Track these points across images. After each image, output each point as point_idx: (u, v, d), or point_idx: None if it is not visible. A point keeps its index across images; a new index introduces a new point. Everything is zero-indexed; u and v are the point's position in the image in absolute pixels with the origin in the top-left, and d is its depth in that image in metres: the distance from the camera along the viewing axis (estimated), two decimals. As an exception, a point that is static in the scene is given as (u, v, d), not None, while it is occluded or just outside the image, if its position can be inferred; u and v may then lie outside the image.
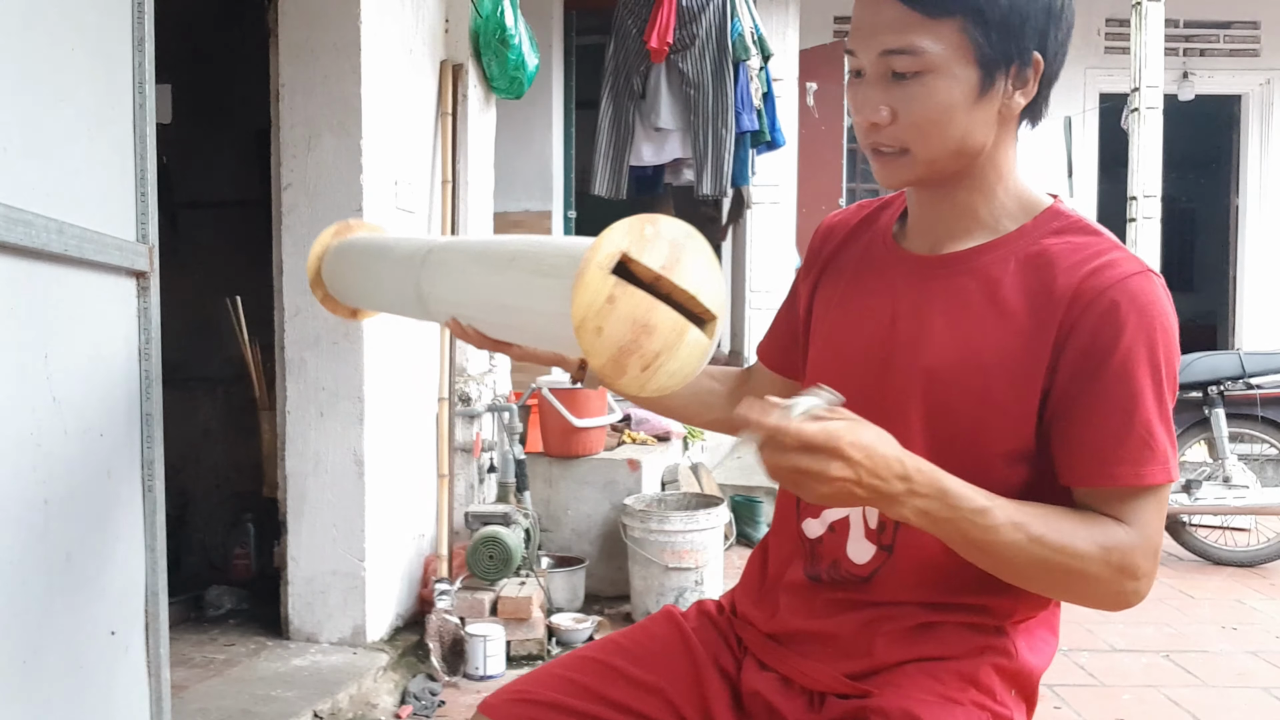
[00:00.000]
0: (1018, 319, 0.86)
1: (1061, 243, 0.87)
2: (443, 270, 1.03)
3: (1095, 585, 0.82)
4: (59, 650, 1.20)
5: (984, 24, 0.82)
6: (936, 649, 0.90)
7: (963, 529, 0.79)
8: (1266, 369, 3.62)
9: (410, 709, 2.19)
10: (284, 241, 2.39)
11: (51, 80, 1.18)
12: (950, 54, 0.83)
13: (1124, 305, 0.82)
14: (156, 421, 1.38)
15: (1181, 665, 2.59)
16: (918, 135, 0.85)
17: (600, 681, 0.98)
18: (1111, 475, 0.83)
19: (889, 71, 0.84)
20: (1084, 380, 0.84)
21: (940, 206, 0.92)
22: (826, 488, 0.75)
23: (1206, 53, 6.11)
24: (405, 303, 1.12)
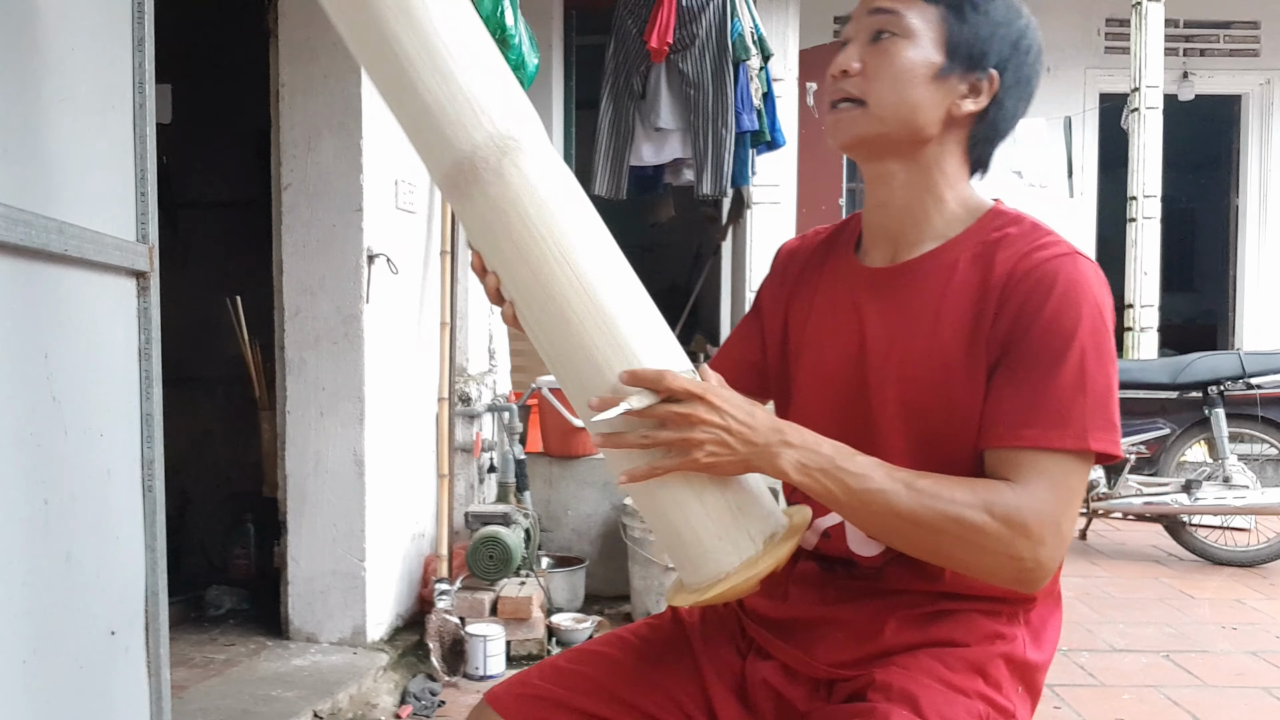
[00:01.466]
0: (968, 313, 0.90)
1: (1002, 235, 0.92)
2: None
3: (986, 542, 0.82)
4: (59, 650, 1.20)
5: (960, 20, 0.92)
6: (948, 634, 0.91)
7: (839, 478, 0.83)
8: (1266, 369, 3.62)
9: (410, 709, 2.19)
10: (284, 241, 2.39)
11: (52, 80, 1.18)
12: (926, 32, 0.92)
13: (1050, 279, 0.86)
14: (156, 421, 1.38)
15: (1181, 665, 2.59)
16: (879, 88, 0.91)
17: (605, 675, 0.98)
18: (1019, 436, 0.84)
19: (872, 32, 0.92)
20: (1011, 348, 0.87)
21: (890, 207, 0.96)
22: (700, 432, 0.81)
23: (1206, 53, 6.11)
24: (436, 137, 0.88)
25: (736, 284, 5.24)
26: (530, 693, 0.98)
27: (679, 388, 0.82)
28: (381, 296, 2.44)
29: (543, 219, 0.85)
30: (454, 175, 0.86)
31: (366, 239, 2.36)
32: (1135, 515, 3.84)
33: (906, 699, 0.85)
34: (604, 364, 0.85)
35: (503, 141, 0.85)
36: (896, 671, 0.88)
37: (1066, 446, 0.83)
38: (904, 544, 0.87)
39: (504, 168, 0.85)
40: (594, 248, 0.87)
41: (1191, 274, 8.60)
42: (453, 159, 0.86)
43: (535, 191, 0.85)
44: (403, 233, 2.58)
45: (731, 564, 0.86)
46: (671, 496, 0.87)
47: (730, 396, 0.84)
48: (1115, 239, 5.44)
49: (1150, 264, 4.70)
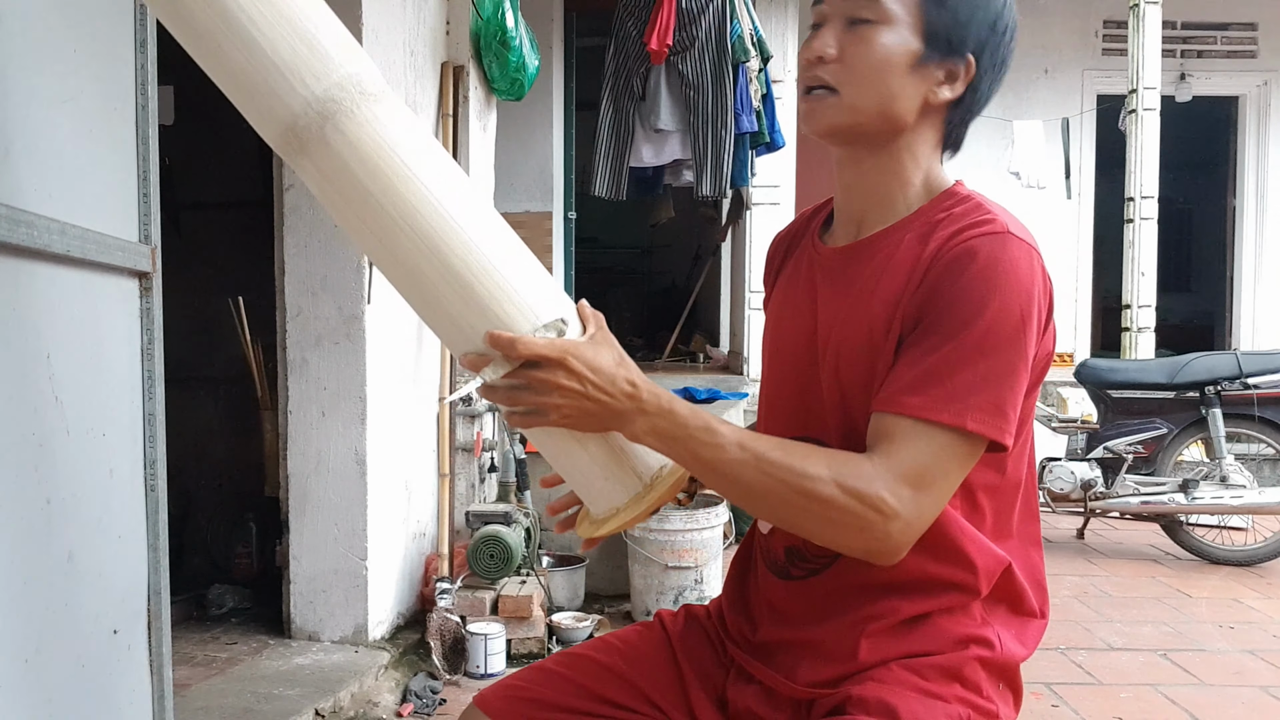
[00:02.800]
0: (897, 286, 0.88)
1: (945, 216, 0.90)
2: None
3: (833, 515, 0.81)
4: (62, 649, 1.20)
5: (939, 5, 0.89)
6: (920, 645, 0.90)
7: (692, 448, 0.83)
8: (1263, 369, 3.63)
9: (411, 707, 2.20)
10: (286, 242, 2.39)
11: (54, 82, 1.19)
12: (905, 18, 0.89)
13: (970, 255, 0.84)
14: (159, 421, 1.39)
15: (1179, 664, 2.60)
16: (854, 77, 0.89)
17: (593, 679, 0.99)
18: (899, 402, 0.83)
19: (848, 18, 0.90)
20: (920, 320, 0.85)
21: (858, 189, 0.96)
22: (557, 398, 0.80)
23: (1204, 54, 6.12)
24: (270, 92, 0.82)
25: (736, 284, 5.25)
26: (517, 694, 0.99)
27: (532, 354, 0.80)
28: (383, 297, 2.45)
29: (376, 183, 0.80)
30: (282, 148, 0.82)
31: (367, 239, 2.37)
32: (1132, 515, 3.85)
33: (884, 710, 0.85)
34: (466, 328, 0.82)
35: (321, 106, 0.79)
36: (873, 685, 0.88)
37: (942, 420, 0.81)
38: (761, 513, 0.89)
39: (326, 134, 0.80)
40: (439, 205, 0.81)
41: (1189, 275, 8.61)
42: (275, 131, 0.81)
43: (363, 156, 0.79)
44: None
45: (620, 500, 0.90)
46: (557, 443, 0.89)
47: (591, 358, 0.81)
48: (1113, 240, 5.45)
49: (1148, 265, 4.70)
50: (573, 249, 4.79)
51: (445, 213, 0.81)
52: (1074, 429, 3.87)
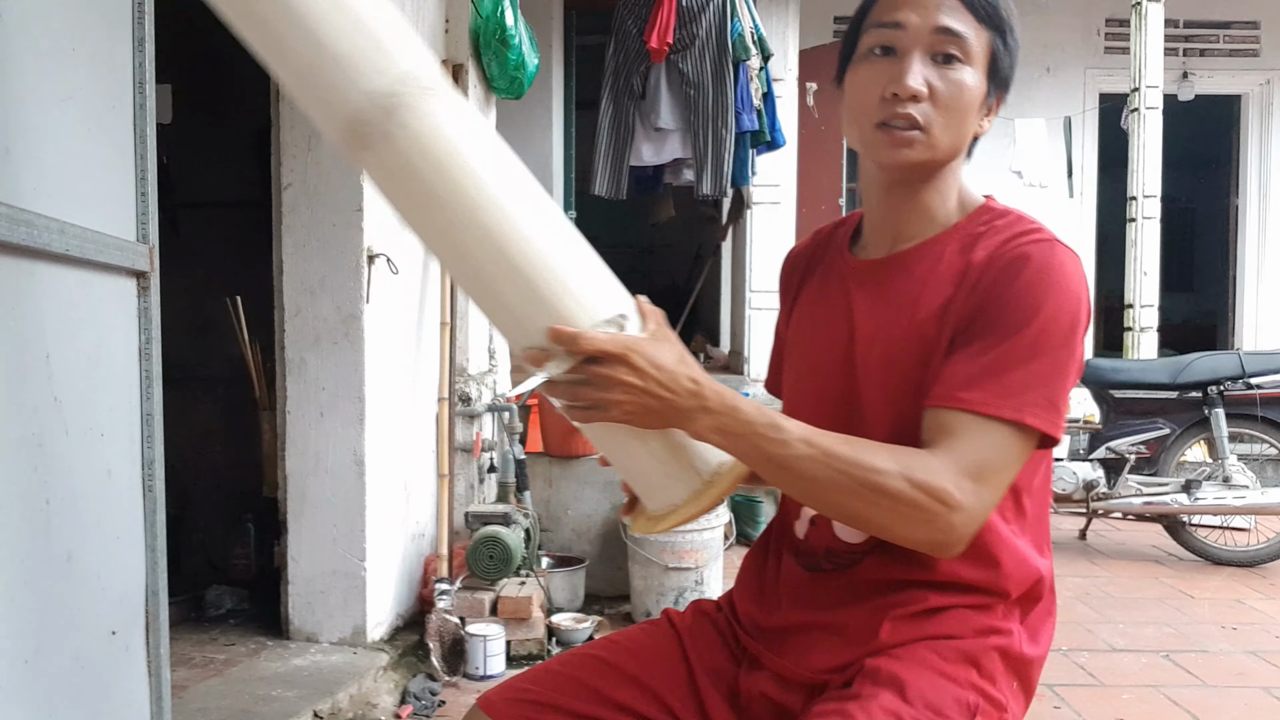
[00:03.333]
0: (946, 293, 0.91)
1: (988, 228, 0.94)
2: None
3: (901, 508, 0.82)
4: (60, 649, 1.20)
5: (1005, 48, 0.93)
6: (943, 629, 0.91)
7: (758, 445, 0.83)
8: (1266, 369, 3.62)
9: (410, 709, 2.19)
10: (284, 242, 2.39)
11: (53, 80, 1.18)
12: (980, 57, 0.91)
13: (1023, 260, 0.87)
14: (157, 421, 1.38)
15: (1181, 665, 2.59)
16: (945, 117, 0.90)
17: (599, 680, 0.98)
18: (957, 398, 0.85)
19: (934, 52, 0.90)
20: (973, 320, 0.88)
21: (902, 208, 0.97)
22: (619, 394, 0.80)
23: (1206, 53, 6.11)
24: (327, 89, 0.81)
25: (736, 284, 5.24)
26: (522, 696, 0.98)
27: (595, 349, 0.80)
28: (382, 296, 2.44)
29: (439, 178, 0.79)
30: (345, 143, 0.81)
31: (367, 239, 2.36)
32: (1135, 515, 3.84)
33: (894, 683, 0.86)
34: (527, 322, 0.82)
35: (385, 100, 0.77)
36: (887, 659, 0.89)
37: (1003, 415, 0.84)
38: (826, 510, 0.89)
39: (389, 129, 0.78)
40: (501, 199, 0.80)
41: (1191, 274, 8.61)
42: (338, 127, 0.80)
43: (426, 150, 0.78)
44: (403, 233, 2.58)
45: (680, 496, 0.89)
46: (616, 440, 0.89)
47: (654, 354, 0.81)
48: (1115, 239, 5.44)
49: (1150, 264, 4.70)
50: (573, 248, 4.78)
51: (507, 207, 0.81)
52: (1076, 429, 3.86)
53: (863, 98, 0.92)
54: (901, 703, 0.84)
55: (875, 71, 0.91)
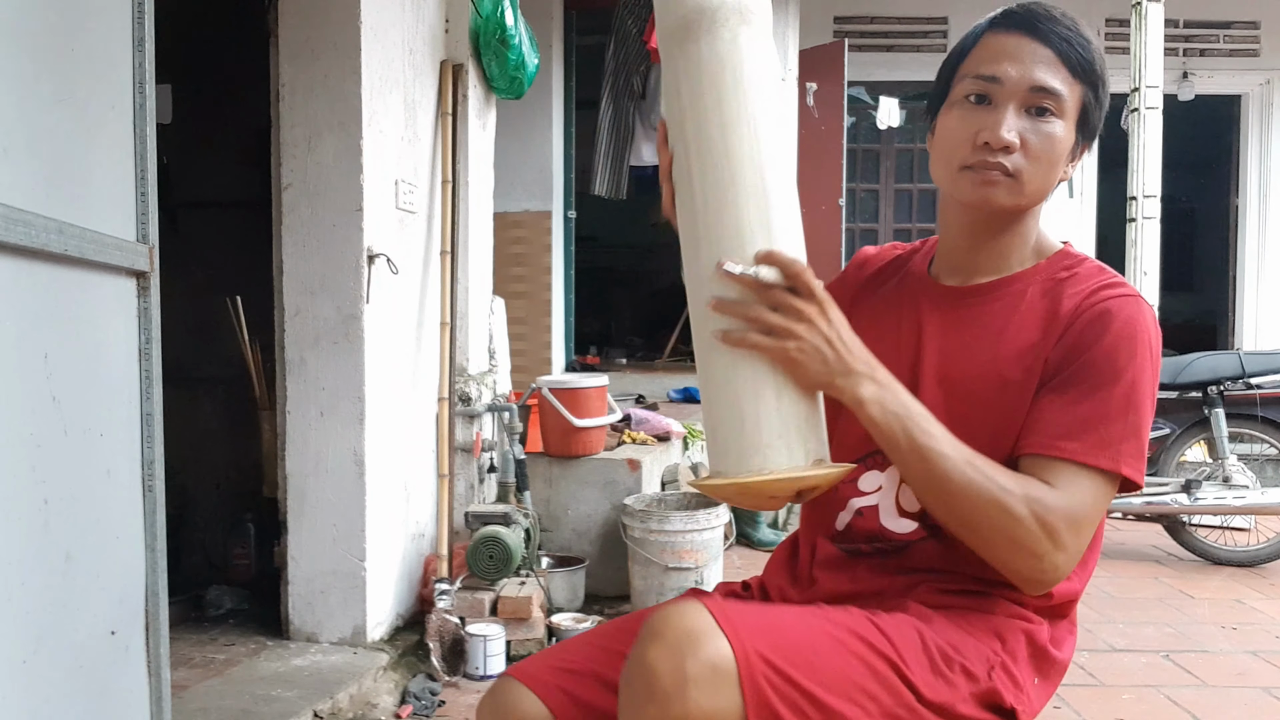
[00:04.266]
0: (1032, 337, 0.94)
1: (1070, 275, 0.98)
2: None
3: (1018, 533, 0.85)
4: (59, 650, 1.20)
5: (1096, 100, 0.96)
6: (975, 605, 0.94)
7: (908, 428, 0.86)
8: (1266, 369, 3.62)
9: (410, 709, 2.19)
10: (284, 242, 2.39)
11: (52, 80, 1.18)
12: (1072, 111, 0.95)
13: (1112, 314, 0.92)
14: (156, 421, 1.38)
15: (1181, 665, 2.59)
16: (1035, 167, 0.94)
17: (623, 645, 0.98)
18: (1059, 447, 0.89)
19: (1028, 105, 0.94)
20: (1064, 369, 0.91)
21: (981, 247, 1.01)
22: (804, 330, 0.85)
23: (1206, 53, 6.11)
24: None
25: (736, 284, 5.24)
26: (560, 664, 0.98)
27: (807, 283, 0.85)
28: (382, 296, 2.44)
29: (751, 86, 0.89)
30: (690, 21, 0.91)
31: (367, 239, 2.36)
32: (1135, 515, 3.84)
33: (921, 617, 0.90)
34: (748, 236, 0.88)
35: (741, 9, 0.91)
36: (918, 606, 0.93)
37: (1102, 465, 0.88)
38: (944, 511, 0.89)
39: (738, 32, 0.90)
40: (776, 133, 0.91)
41: (1191, 274, 8.60)
42: (695, 5, 0.91)
43: (753, 61, 0.90)
44: (403, 233, 2.58)
45: (779, 465, 0.86)
46: (752, 379, 0.88)
47: (842, 318, 0.88)
48: (1115, 239, 5.44)
49: (1150, 264, 4.69)
50: (573, 248, 4.79)
51: (779, 141, 0.92)
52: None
53: (954, 141, 0.96)
54: (926, 628, 0.88)
55: (969, 118, 0.95)
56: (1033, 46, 0.93)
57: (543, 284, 4.62)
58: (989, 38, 0.96)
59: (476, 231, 3.04)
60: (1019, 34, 0.94)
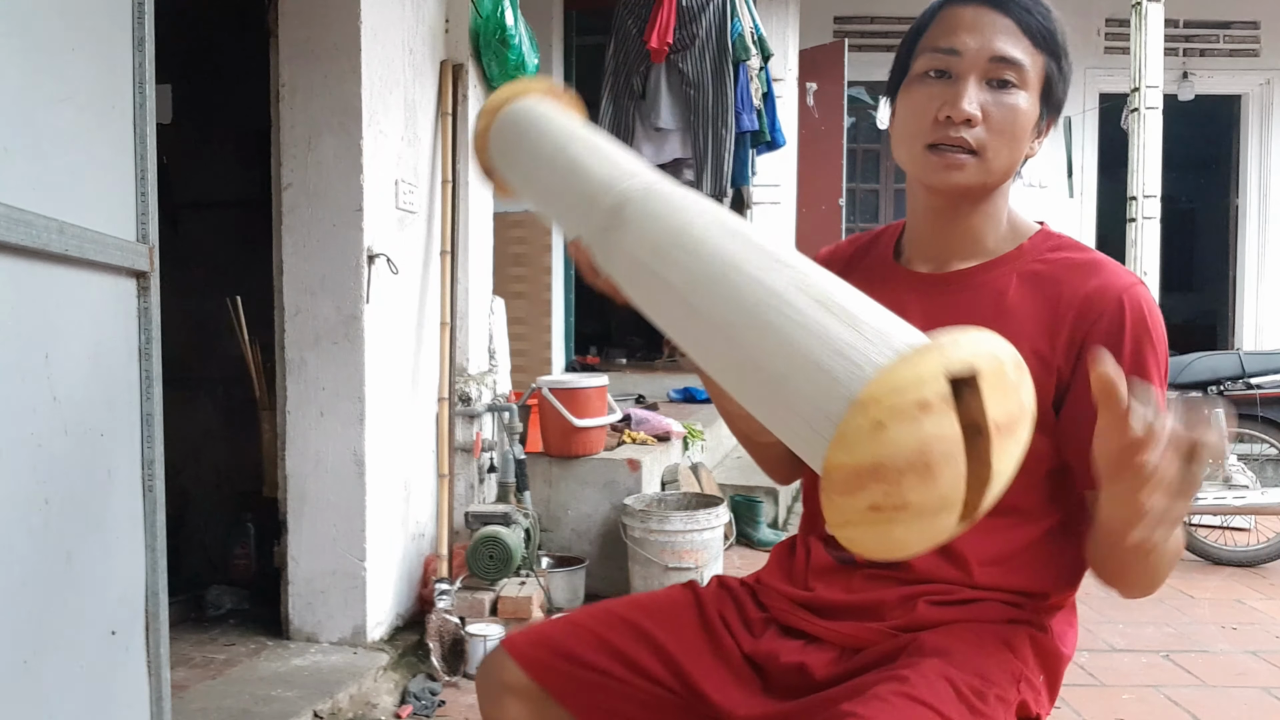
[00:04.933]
0: (1025, 326, 0.92)
1: (1060, 259, 0.95)
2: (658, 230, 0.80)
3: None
4: (59, 650, 1.20)
5: (1059, 71, 0.94)
6: (979, 613, 0.94)
7: (1171, 530, 0.76)
8: (1266, 369, 3.62)
9: (410, 709, 2.19)
10: (284, 241, 2.39)
11: (52, 80, 1.18)
12: (1035, 82, 0.92)
13: (1128, 307, 0.90)
14: (157, 421, 1.38)
15: (1181, 665, 2.59)
16: (998, 141, 0.91)
17: (617, 636, 1.00)
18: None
19: (988, 77, 0.91)
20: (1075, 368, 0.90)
21: (951, 230, 0.98)
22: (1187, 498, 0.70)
23: (1206, 53, 6.11)
24: (578, 225, 0.90)
25: (736, 284, 5.24)
26: (545, 642, 1.01)
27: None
28: (382, 296, 2.44)
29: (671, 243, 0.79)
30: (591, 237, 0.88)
31: (367, 239, 2.36)
32: (1135, 515, 3.83)
33: (939, 652, 0.88)
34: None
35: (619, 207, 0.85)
36: (928, 634, 0.91)
37: None
38: (1132, 586, 0.86)
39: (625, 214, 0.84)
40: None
41: (1191, 274, 8.61)
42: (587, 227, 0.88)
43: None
44: (403, 233, 2.58)
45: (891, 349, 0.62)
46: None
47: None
48: (1115, 239, 5.44)
49: (1150, 264, 4.69)
50: (573, 248, 4.78)
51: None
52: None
53: (915, 119, 0.93)
54: (951, 668, 0.86)
55: (929, 94, 0.92)
56: (991, 17, 0.91)
57: (543, 284, 4.62)
58: (947, 11, 0.93)
59: (477, 231, 3.04)
60: (976, 4, 0.91)
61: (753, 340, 0.66)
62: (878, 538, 0.60)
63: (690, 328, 0.74)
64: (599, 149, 0.92)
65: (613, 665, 0.99)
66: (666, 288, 0.76)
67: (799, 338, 0.63)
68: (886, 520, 0.58)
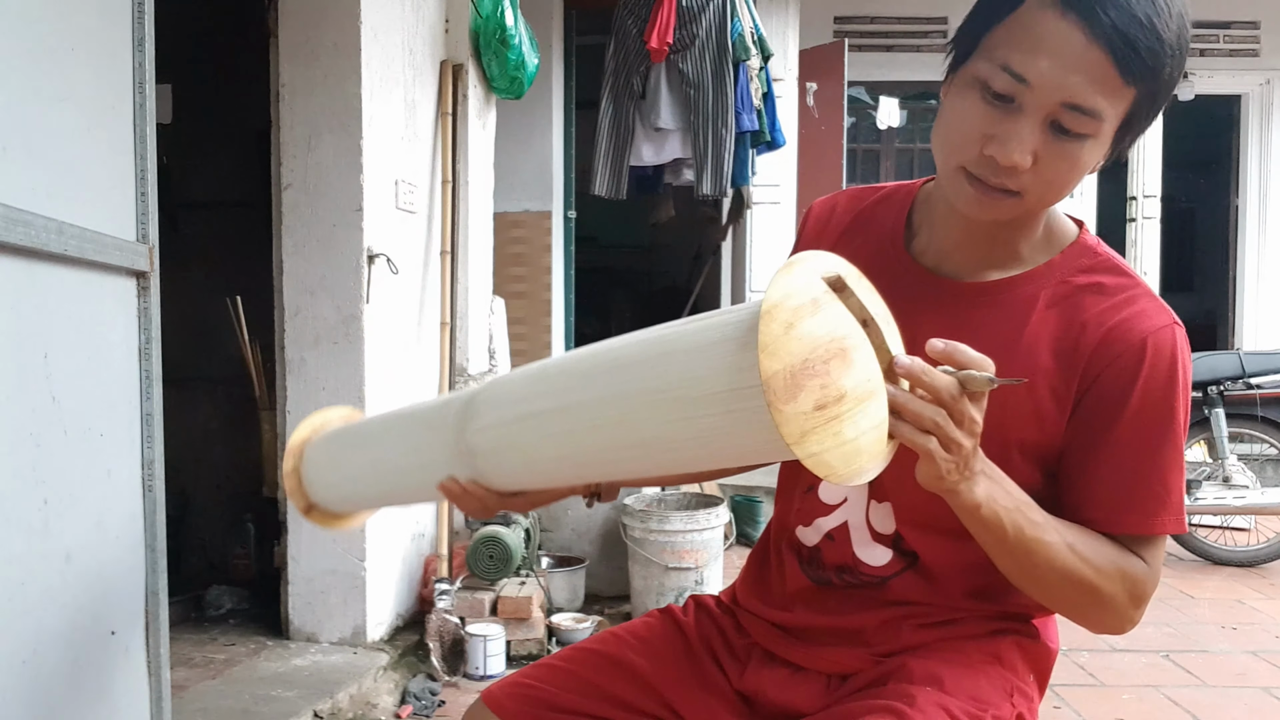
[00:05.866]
0: (1042, 358, 0.86)
1: (1091, 283, 0.87)
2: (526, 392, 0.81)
3: (1107, 606, 0.84)
4: (59, 650, 1.20)
5: (1150, 103, 0.79)
6: (962, 632, 0.92)
7: (1018, 523, 0.77)
8: (1266, 369, 3.62)
9: (410, 709, 2.19)
10: (284, 242, 2.39)
11: (52, 80, 1.18)
12: (1112, 123, 0.78)
13: (1148, 357, 0.83)
14: (156, 421, 1.38)
15: (1181, 665, 2.59)
16: (1044, 189, 0.80)
17: (602, 676, 0.98)
18: (1123, 523, 0.85)
19: (1055, 122, 0.77)
20: (1101, 425, 0.85)
21: (978, 239, 0.89)
22: (960, 435, 0.70)
23: (1206, 53, 6.11)
24: (436, 464, 0.90)
25: (736, 284, 5.24)
26: (526, 692, 0.98)
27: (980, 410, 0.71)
28: (382, 296, 2.44)
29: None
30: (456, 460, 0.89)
31: (367, 239, 2.36)
32: (1135, 515, 3.83)
33: (931, 679, 0.86)
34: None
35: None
36: (914, 659, 0.89)
37: (1169, 531, 0.85)
38: (1037, 590, 0.84)
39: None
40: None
41: (1191, 274, 8.60)
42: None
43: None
44: (403, 233, 2.58)
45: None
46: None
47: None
48: (1115, 239, 5.43)
49: (1150, 264, 4.70)
50: (573, 249, 4.79)
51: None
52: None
53: (958, 135, 0.80)
54: (944, 695, 0.85)
55: (981, 116, 0.79)
56: (1084, 43, 0.73)
57: (542, 284, 4.62)
58: (1035, 11, 0.75)
59: (476, 231, 3.04)
60: (1072, 19, 0.73)
61: (656, 372, 0.70)
62: (837, 447, 0.63)
63: (596, 433, 0.75)
64: (416, 407, 0.96)
65: (598, 706, 0.96)
66: (548, 415, 0.79)
67: (688, 341, 0.69)
68: (835, 418, 0.63)
